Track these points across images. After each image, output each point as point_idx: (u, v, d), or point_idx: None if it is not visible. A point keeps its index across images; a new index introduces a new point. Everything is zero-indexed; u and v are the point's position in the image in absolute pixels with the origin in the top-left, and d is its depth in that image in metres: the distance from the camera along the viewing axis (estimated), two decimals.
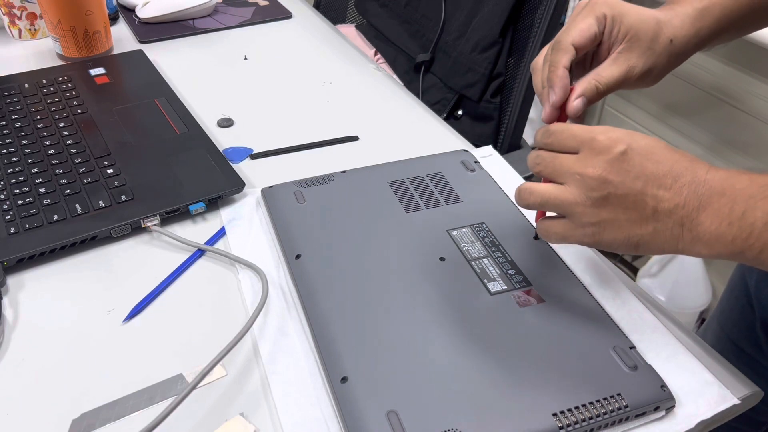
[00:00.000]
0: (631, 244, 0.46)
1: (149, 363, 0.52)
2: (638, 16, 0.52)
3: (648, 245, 0.45)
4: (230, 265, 0.61)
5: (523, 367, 0.48)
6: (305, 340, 0.53)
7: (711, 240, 0.43)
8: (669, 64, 0.54)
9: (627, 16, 0.52)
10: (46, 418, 0.48)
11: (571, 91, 0.52)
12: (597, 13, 0.52)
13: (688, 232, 0.44)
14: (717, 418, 0.49)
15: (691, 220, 0.43)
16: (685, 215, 0.44)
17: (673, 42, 0.53)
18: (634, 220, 0.45)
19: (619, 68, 0.52)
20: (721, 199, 0.43)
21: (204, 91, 0.87)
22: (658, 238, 0.45)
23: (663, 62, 0.54)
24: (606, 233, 0.46)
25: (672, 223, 0.44)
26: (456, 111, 1.15)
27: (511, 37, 1.07)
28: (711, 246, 0.43)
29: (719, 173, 0.44)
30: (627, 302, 0.56)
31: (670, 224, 0.44)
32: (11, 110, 0.79)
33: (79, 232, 0.61)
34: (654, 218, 0.44)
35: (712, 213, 0.43)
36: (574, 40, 0.51)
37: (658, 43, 0.53)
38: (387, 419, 0.45)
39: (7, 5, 0.95)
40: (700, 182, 0.44)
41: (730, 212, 0.42)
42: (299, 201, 0.65)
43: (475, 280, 0.56)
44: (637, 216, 0.45)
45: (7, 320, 0.55)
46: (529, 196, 0.49)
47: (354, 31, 1.33)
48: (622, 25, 0.52)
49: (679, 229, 0.44)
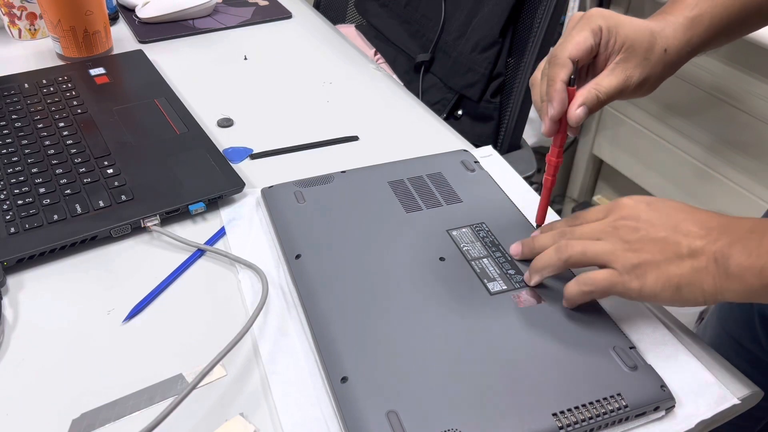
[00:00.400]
0: (673, 285, 0.47)
1: (149, 363, 0.52)
2: (633, 28, 0.53)
3: (689, 287, 0.46)
4: (230, 265, 0.61)
5: (523, 366, 0.48)
6: (305, 340, 0.53)
7: (742, 272, 0.44)
8: (664, 73, 0.55)
9: (622, 27, 0.53)
10: (46, 418, 0.48)
11: (570, 101, 0.53)
12: (593, 26, 0.53)
13: (722, 268, 0.45)
14: (717, 418, 0.49)
15: (723, 254, 0.45)
16: (717, 250, 0.45)
17: (667, 51, 0.54)
18: (671, 259, 0.47)
19: (617, 78, 0.53)
20: (751, 235, 0.45)
21: (204, 91, 0.87)
22: (697, 277, 0.46)
23: (658, 71, 0.55)
24: (648, 276, 0.47)
25: (707, 261, 0.46)
26: (456, 111, 1.15)
27: (511, 37, 1.07)
28: (742, 279, 0.44)
29: (747, 218, 0.47)
30: (627, 302, 0.56)
31: (704, 261, 0.46)
32: (11, 110, 0.79)
33: (79, 232, 0.61)
34: (690, 256, 0.46)
35: (742, 247, 0.45)
36: (570, 54, 0.52)
37: (653, 53, 0.54)
38: (387, 419, 0.45)
39: (7, 5, 0.95)
40: (727, 224, 0.47)
41: (758, 246, 0.44)
42: (299, 201, 0.65)
43: (475, 280, 0.56)
44: (674, 254, 0.47)
45: (7, 320, 0.55)
46: (562, 252, 0.51)
47: (354, 31, 1.33)
48: (618, 36, 0.53)
49: (714, 266, 0.45)
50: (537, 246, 0.55)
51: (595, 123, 1.75)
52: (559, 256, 0.51)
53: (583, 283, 0.50)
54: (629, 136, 1.65)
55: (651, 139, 1.58)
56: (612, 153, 1.73)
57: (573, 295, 0.51)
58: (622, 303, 0.56)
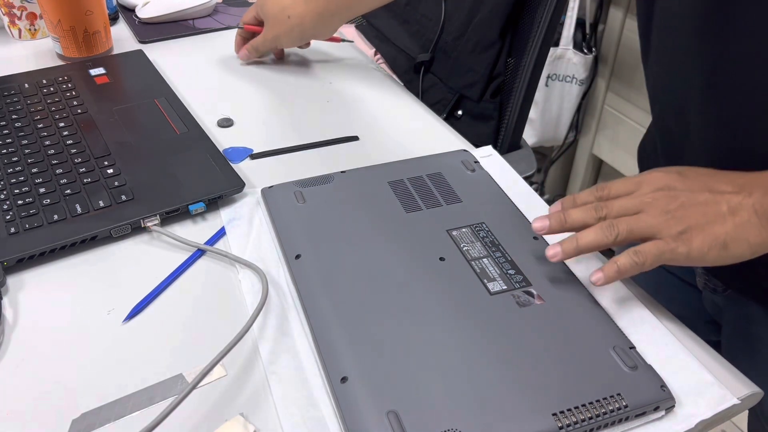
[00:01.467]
0: (720, 244, 0.48)
1: (149, 363, 0.52)
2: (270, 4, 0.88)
3: (735, 242, 0.48)
4: (230, 265, 0.61)
5: (523, 367, 0.49)
6: (305, 340, 0.53)
7: None
8: (292, 32, 0.89)
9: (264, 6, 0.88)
10: (46, 418, 0.48)
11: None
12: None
13: (764, 218, 0.47)
14: (717, 418, 0.49)
15: (761, 205, 0.48)
16: (756, 202, 0.48)
17: (290, 18, 0.86)
18: (713, 220, 0.48)
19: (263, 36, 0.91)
20: None
21: (204, 91, 0.87)
22: (742, 231, 0.48)
23: (286, 30, 0.88)
24: (695, 239, 0.49)
25: (748, 214, 0.48)
26: (456, 111, 1.15)
27: (511, 37, 1.07)
28: None
29: (764, 172, 0.49)
30: (627, 302, 0.56)
31: (746, 215, 0.48)
32: (11, 110, 0.79)
33: (79, 232, 0.61)
34: (731, 213, 0.48)
35: None
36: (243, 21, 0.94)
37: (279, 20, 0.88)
38: (387, 419, 0.45)
39: (7, 5, 0.95)
40: (754, 179, 0.49)
41: None
42: (299, 201, 0.65)
43: (475, 280, 0.56)
44: (715, 215, 0.48)
45: (7, 320, 0.55)
46: (610, 230, 0.51)
47: (354, 31, 1.33)
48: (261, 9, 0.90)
49: (755, 217, 0.47)
50: (569, 221, 0.54)
51: (595, 123, 1.75)
52: (608, 235, 0.51)
53: (635, 253, 0.50)
54: (629, 136, 1.65)
55: None
56: (612, 153, 1.73)
57: (626, 267, 0.51)
58: (623, 303, 0.56)
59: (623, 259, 0.51)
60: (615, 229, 0.51)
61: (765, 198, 0.48)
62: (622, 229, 0.51)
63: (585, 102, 1.76)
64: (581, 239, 0.53)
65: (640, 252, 0.50)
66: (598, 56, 1.68)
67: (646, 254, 0.50)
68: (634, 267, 0.51)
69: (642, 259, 0.50)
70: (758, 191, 0.48)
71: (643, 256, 0.50)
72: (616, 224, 0.51)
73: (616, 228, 0.51)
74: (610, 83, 1.69)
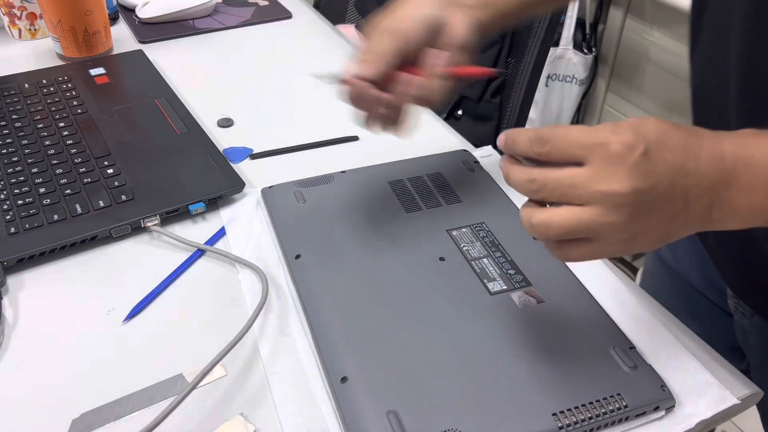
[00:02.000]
0: (662, 241, 0.43)
1: (149, 363, 0.52)
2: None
3: (678, 235, 0.43)
4: (230, 265, 0.61)
5: (523, 367, 0.49)
6: (305, 340, 0.53)
7: (745, 213, 0.41)
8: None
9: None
10: (46, 418, 0.48)
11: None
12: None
13: (718, 211, 0.41)
14: (717, 418, 0.49)
15: (720, 199, 0.41)
16: (714, 195, 0.41)
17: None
18: (665, 219, 0.41)
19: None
20: (748, 170, 0.40)
21: (204, 91, 0.87)
22: (688, 226, 0.42)
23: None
24: (638, 241, 0.42)
25: (701, 207, 0.41)
26: (456, 111, 1.15)
27: (511, 37, 1.07)
28: (746, 219, 0.42)
29: (733, 140, 0.42)
30: (627, 302, 0.56)
31: (699, 209, 0.41)
32: (11, 110, 0.79)
33: (79, 232, 0.61)
34: (684, 209, 0.41)
35: (743, 188, 0.41)
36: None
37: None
38: (387, 419, 0.45)
39: (7, 5, 0.95)
40: (720, 156, 0.41)
41: (764, 184, 0.40)
42: (299, 201, 0.65)
43: (475, 280, 0.56)
44: (669, 214, 0.41)
45: (7, 320, 0.55)
46: (547, 230, 0.41)
47: (354, 31, 1.33)
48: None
49: (707, 211, 0.41)
50: (510, 182, 0.45)
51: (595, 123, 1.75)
52: (538, 238, 0.43)
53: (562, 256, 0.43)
54: None
55: None
56: None
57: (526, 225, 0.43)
58: (622, 303, 0.56)
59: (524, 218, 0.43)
60: (548, 233, 0.42)
61: (730, 191, 0.41)
62: (554, 233, 0.41)
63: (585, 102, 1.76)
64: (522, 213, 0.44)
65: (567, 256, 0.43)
66: (598, 56, 1.68)
67: (572, 259, 0.43)
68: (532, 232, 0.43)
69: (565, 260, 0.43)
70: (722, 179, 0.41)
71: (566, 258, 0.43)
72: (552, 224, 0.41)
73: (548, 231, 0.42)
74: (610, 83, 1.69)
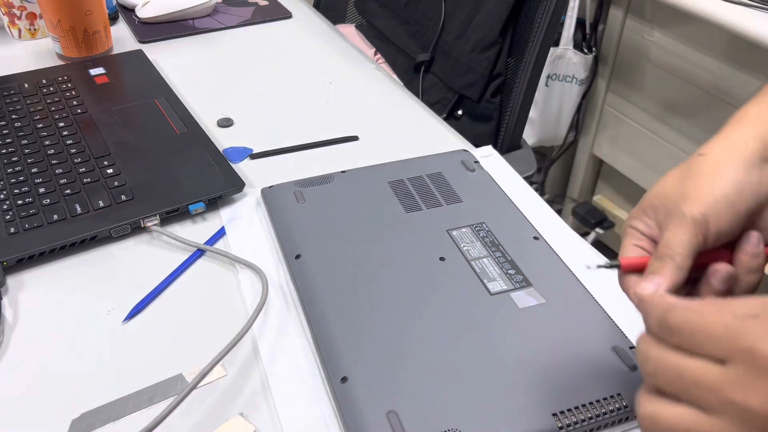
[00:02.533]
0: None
1: (149, 363, 0.52)
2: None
3: None
4: (230, 265, 0.61)
5: (523, 366, 0.48)
6: (305, 340, 0.53)
7: None
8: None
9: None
10: (46, 418, 0.48)
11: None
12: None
13: None
14: None
15: None
16: None
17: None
18: None
19: None
20: None
21: (204, 91, 0.87)
22: None
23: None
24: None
25: None
26: (456, 111, 1.15)
27: (511, 37, 1.07)
28: None
29: None
30: (627, 302, 0.56)
31: None
32: (11, 110, 0.79)
33: (79, 232, 0.61)
34: None
35: None
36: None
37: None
38: (387, 419, 0.45)
39: (6, 5, 0.95)
40: None
41: None
42: (299, 201, 0.65)
43: (475, 280, 0.56)
44: None
45: (7, 320, 0.55)
46: (652, 426, 0.35)
47: (354, 31, 1.33)
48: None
49: None
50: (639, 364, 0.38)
51: (595, 123, 1.75)
52: (638, 416, 0.36)
53: (643, 418, 0.35)
54: (629, 136, 1.65)
55: (651, 139, 1.58)
56: (612, 153, 1.73)
57: (636, 407, 0.36)
58: (622, 303, 0.56)
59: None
60: (651, 427, 0.35)
61: None
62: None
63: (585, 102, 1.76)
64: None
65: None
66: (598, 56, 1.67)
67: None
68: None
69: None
70: None
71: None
72: (660, 421, 0.34)
73: (653, 427, 0.35)
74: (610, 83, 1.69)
